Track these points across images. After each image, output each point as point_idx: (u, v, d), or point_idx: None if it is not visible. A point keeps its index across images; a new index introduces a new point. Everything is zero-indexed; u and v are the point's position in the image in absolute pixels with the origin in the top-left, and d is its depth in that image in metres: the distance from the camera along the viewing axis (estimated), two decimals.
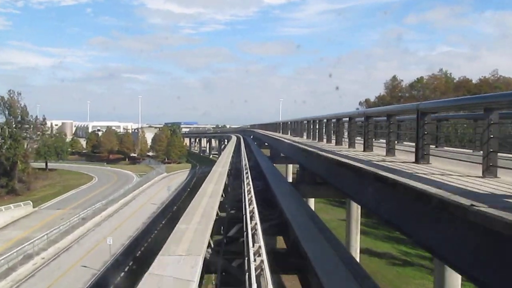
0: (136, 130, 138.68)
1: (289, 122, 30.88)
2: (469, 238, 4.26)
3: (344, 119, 13.35)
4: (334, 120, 14.44)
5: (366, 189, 7.40)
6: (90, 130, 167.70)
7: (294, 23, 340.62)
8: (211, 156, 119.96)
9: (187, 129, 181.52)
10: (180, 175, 76.22)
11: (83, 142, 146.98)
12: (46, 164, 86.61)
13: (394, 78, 60.03)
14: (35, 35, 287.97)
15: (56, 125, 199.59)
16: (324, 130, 17.07)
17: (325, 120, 16.46)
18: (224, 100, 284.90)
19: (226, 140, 78.86)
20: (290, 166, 44.19)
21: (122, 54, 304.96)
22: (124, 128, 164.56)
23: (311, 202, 41.97)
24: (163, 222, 41.65)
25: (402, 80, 59.25)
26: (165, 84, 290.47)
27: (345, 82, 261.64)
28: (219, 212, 10.99)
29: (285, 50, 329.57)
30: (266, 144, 41.97)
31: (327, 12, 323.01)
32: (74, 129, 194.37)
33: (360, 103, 68.50)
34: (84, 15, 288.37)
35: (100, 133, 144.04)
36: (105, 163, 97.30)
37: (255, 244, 6.03)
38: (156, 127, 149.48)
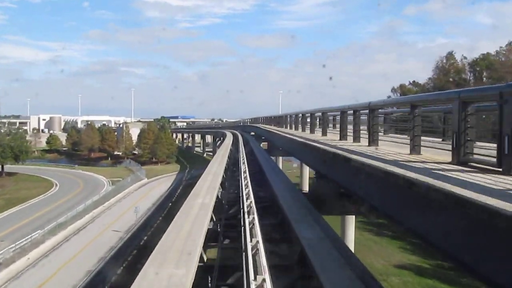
0: (120, 125, 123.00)
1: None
2: None
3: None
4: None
5: None
6: (79, 125, 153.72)
7: (291, 16, 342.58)
8: (205, 155, 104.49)
9: (183, 123, 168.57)
10: (162, 183, 60.81)
11: (63, 138, 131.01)
12: (2, 168, 71.12)
13: (451, 55, 44.46)
14: (31, 29, 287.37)
15: (43, 119, 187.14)
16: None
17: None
18: (222, 93, 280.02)
19: (221, 138, 63.40)
20: None
21: (119, 47, 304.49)
22: (115, 123, 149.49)
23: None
24: (117, 273, 26.51)
25: (464, 58, 43.32)
26: (163, 78, 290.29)
27: (343, 74, 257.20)
28: None
29: (283, 43, 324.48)
30: (280, 149, 26.77)
31: (324, 5, 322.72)
32: (63, 124, 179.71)
33: (393, 90, 53.23)
34: (80, 9, 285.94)
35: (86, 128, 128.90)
36: (76, 166, 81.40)
37: None
38: (144, 122, 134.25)
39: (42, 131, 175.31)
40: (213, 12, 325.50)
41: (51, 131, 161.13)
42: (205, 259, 8.19)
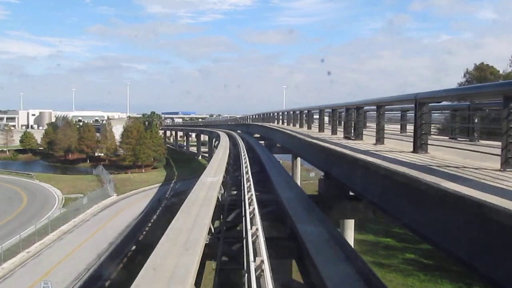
0: (103, 122, 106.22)
1: None
2: None
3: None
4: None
5: None
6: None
7: (293, 12, 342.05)
8: (199, 158, 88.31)
9: (182, 120, 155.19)
10: (134, 204, 43.96)
11: (38, 136, 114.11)
12: None
13: None
14: (34, 24, 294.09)
15: (33, 115, 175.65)
16: None
17: None
18: (223, 89, 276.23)
19: (215, 141, 46.88)
20: None
21: (121, 43, 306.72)
22: (109, 118, 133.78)
23: None
24: None
25: None
26: (164, 74, 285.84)
27: (347, 71, 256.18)
28: None
29: (285, 39, 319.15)
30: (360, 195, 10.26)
31: (327, 1, 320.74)
32: (54, 119, 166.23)
33: (467, 74, 36.79)
34: (83, 5, 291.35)
35: (80, 124, 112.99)
36: (33, 175, 64.41)
37: None
38: (135, 117, 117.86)
39: (31, 127, 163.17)
40: (214, 9, 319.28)
41: (41, 127, 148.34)
42: None
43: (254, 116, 45.18)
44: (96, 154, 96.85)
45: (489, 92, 5.56)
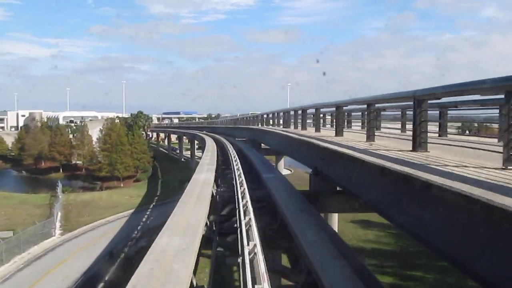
0: (81, 123, 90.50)
1: None
2: None
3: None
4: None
5: None
6: (61, 121, 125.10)
7: (295, 12, 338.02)
8: (193, 165, 72.55)
9: (176, 120, 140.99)
10: (76, 257, 27.95)
11: (10, 141, 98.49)
12: None
13: None
14: (35, 26, 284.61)
15: (23, 115, 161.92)
16: None
17: None
18: (226, 89, 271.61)
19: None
20: None
21: (123, 43, 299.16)
22: (89, 120, 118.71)
23: None
24: None
25: None
26: (166, 74, 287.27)
27: (350, 69, 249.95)
28: None
29: (288, 38, 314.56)
30: None
31: (329, 0, 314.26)
32: (45, 120, 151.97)
33: None
34: (84, 6, 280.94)
35: (73, 125, 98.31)
36: None
37: None
38: (124, 117, 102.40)
39: (21, 128, 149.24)
40: (217, 8, 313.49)
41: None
42: None
43: (269, 114, 29.62)
44: (73, 162, 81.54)
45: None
